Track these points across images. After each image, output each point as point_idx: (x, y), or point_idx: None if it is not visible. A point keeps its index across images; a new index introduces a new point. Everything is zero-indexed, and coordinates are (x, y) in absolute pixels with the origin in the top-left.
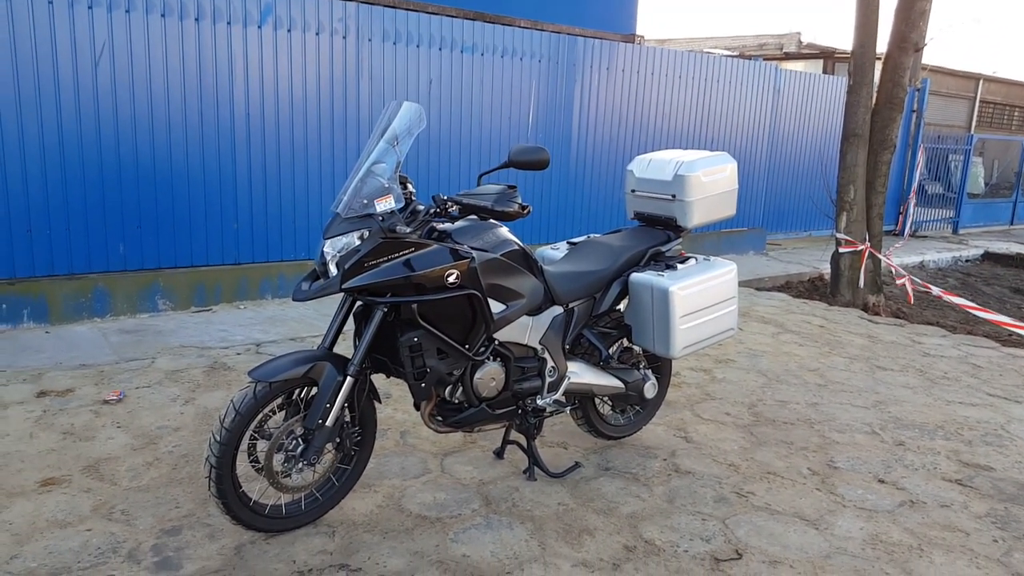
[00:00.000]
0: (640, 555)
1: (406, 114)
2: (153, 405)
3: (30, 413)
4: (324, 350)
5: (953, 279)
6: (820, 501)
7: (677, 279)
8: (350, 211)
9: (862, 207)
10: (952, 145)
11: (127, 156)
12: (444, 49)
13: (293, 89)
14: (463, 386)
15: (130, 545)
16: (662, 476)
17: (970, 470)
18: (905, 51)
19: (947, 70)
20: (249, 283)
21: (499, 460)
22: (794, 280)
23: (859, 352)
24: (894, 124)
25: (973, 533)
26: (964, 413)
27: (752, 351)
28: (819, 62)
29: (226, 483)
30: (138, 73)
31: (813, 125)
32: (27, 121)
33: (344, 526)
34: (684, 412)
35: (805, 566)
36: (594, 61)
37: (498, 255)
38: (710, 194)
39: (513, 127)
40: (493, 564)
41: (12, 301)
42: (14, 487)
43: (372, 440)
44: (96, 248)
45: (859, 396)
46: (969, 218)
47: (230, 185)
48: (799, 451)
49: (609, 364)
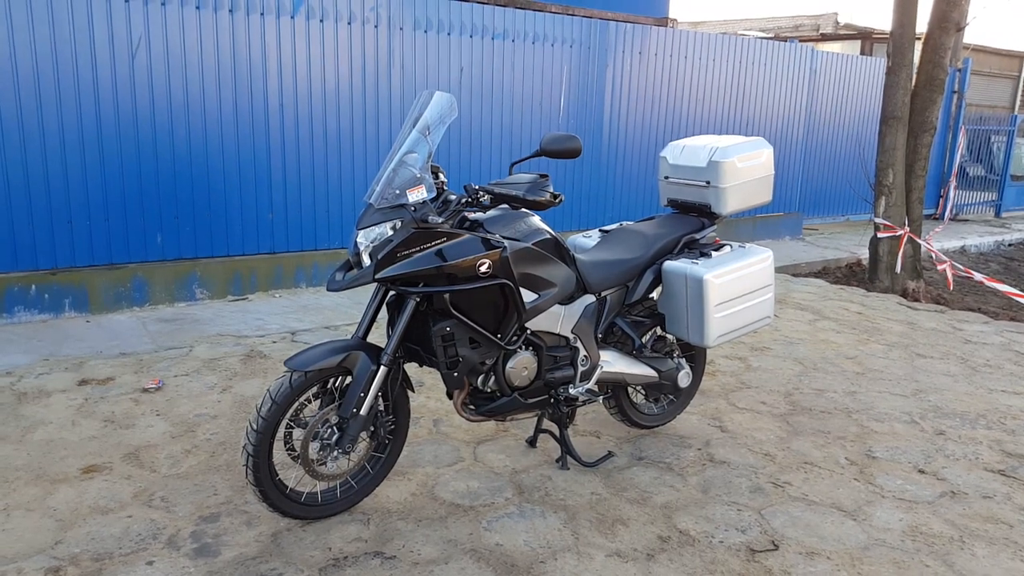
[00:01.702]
0: (674, 546)
1: (438, 104)
2: (191, 393)
3: (72, 401)
4: (358, 340)
5: (995, 264)
6: (858, 492)
7: (712, 267)
8: (383, 201)
9: (901, 191)
10: (994, 126)
11: (164, 148)
12: (475, 36)
13: (326, 79)
14: (495, 375)
15: (170, 531)
16: (696, 466)
17: (1013, 460)
18: (946, 31)
19: (990, 49)
20: (284, 272)
21: (532, 449)
22: (831, 266)
23: (898, 339)
24: (934, 106)
25: (1017, 525)
26: (1007, 402)
27: (788, 339)
28: (857, 43)
29: (263, 471)
30: (174, 65)
31: (850, 108)
32: (67, 114)
33: (378, 514)
34: (719, 401)
35: (843, 558)
36: (626, 46)
37: (530, 244)
38: (745, 180)
39: (544, 114)
40: (526, 553)
41: (54, 291)
42: (57, 474)
43: (405, 428)
44: (134, 238)
45: (898, 384)
46: (1012, 201)
47: (264, 175)
48: (836, 440)
49: (642, 353)
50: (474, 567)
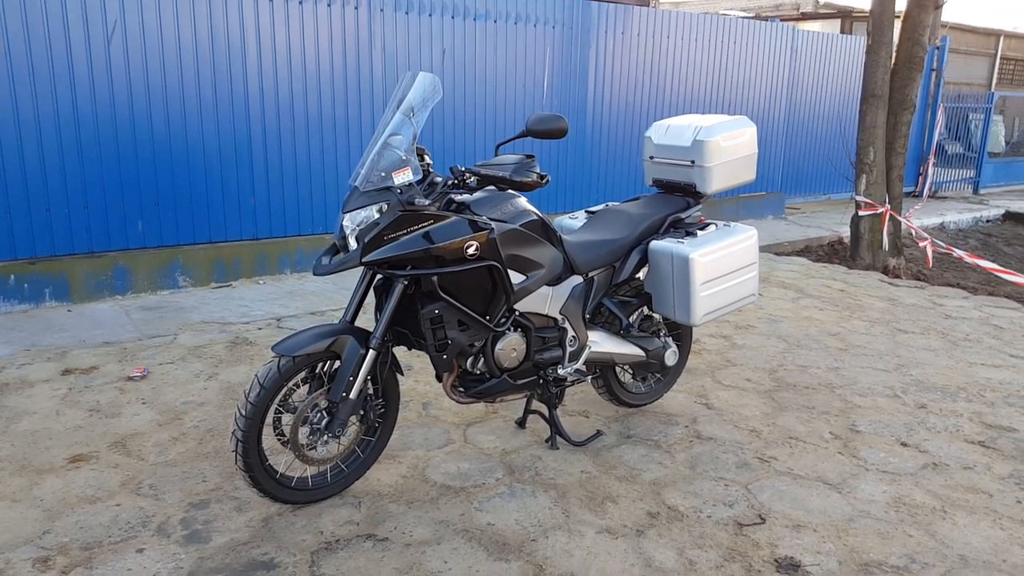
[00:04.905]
0: (663, 521)
1: (421, 85)
2: (177, 381)
3: (56, 391)
4: (346, 324)
5: (974, 240)
6: (842, 465)
7: (697, 246)
8: (368, 184)
9: (882, 169)
10: (972, 104)
11: (143, 133)
12: (457, 17)
13: (306, 61)
14: (484, 357)
15: (159, 519)
16: (684, 443)
17: (993, 431)
18: (924, 8)
19: (967, 27)
20: (268, 258)
21: (521, 430)
22: (813, 244)
23: (880, 315)
24: (914, 84)
25: (996, 494)
26: (986, 375)
27: (772, 316)
28: (836, 22)
29: (252, 456)
30: (151, 49)
31: (831, 86)
32: (42, 100)
33: (370, 497)
34: (705, 379)
35: (828, 529)
36: (608, 26)
37: (517, 226)
38: (730, 159)
39: (528, 95)
40: (518, 532)
41: (34, 280)
42: (43, 464)
43: (395, 412)
44: (115, 226)
45: (880, 359)
46: (990, 177)
47: (246, 160)
48: (821, 415)
49: (629, 332)
50: (466, 547)
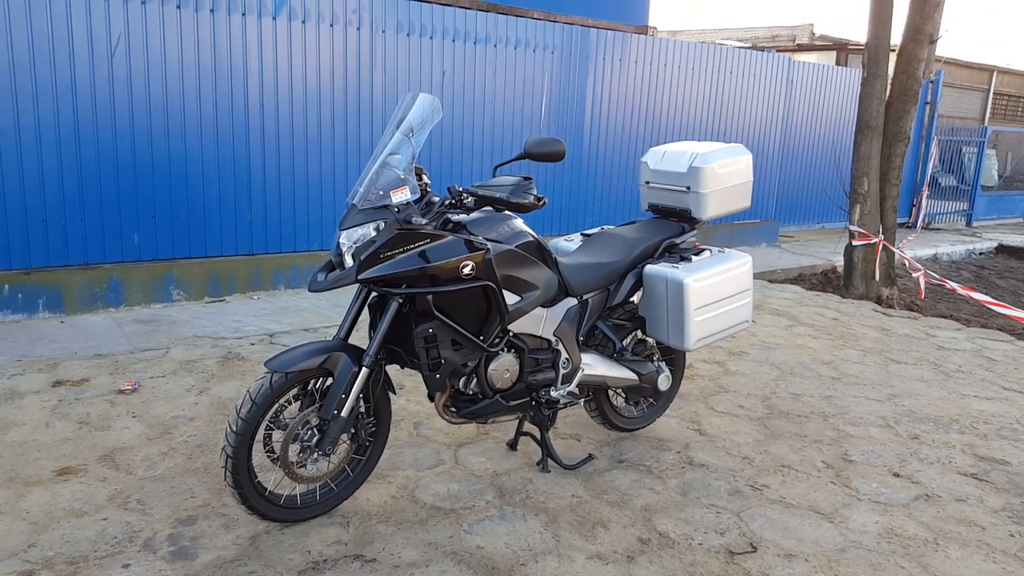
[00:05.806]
0: (654, 548)
1: (421, 106)
2: (168, 395)
3: (46, 403)
4: (339, 341)
5: (967, 272)
6: (835, 494)
7: (692, 271)
8: (366, 202)
9: (876, 199)
10: (966, 137)
11: (142, 147)
12: (457, 41)
13: (307, 80)
14: (477, 377)
15: (146, 535)
16: (676, 469)
17: (986, 464)
18: (920, 43)
19: (961, 62)
20: (263, 274)
21: (512, 452)
22: (807, 272)
23: (873, 345)
24: (908, 116)
25: (989, 527)
26: (979, 407)
27: (765, 344)
28: (832, 54)
29: (242, 473)
30: (154, 64)
31: (826, 117)
32: (43, 111)
33: (358, 516)
34: (698, 404)
35: (820, 560)
36: (607, 53)
37: (513, 246)
38: (725, 186)
39: (526, 119)
40: (507, 556)
41: (28, 291)
42: (31, 476)
43: (386, 431)
44: (111, 238)
45: (873, 389)
46: (983, 210)
47: (244, 176)
48: (813, 444)
49: (623, 356)
50: (455, 570)
